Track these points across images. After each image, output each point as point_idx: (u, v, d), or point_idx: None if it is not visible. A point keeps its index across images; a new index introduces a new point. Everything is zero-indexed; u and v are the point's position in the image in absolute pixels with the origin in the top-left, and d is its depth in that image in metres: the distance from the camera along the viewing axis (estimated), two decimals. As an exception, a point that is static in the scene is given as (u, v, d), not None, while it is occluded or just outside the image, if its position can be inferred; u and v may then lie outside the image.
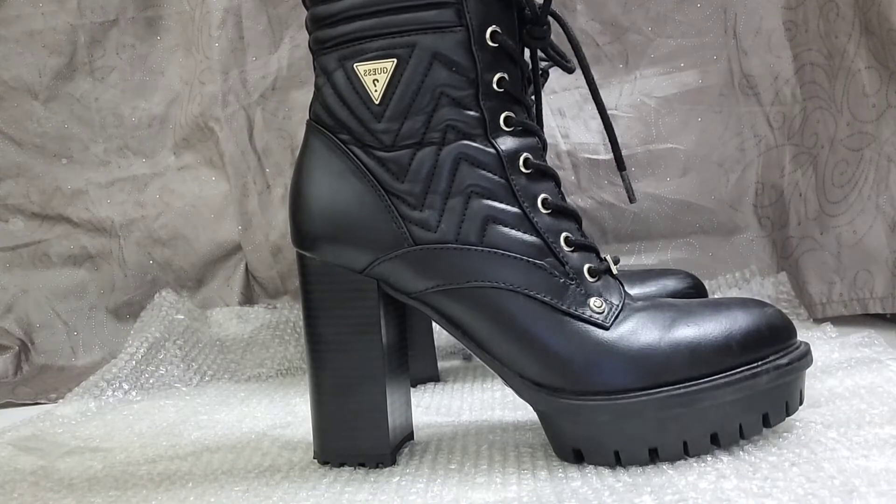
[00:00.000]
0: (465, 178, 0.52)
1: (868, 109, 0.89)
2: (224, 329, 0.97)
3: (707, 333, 0.50)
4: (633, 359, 0.49)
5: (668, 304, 0.53)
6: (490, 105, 0.52)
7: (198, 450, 0.62)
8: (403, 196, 0.53)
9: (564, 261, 0.52)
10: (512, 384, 0.53)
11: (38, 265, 1.06)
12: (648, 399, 0.48)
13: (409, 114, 0.52)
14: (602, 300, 0.52)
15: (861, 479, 0.43)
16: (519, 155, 0.53)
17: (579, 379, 0.50)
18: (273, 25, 1.02)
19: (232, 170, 1.02)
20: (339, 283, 0.54)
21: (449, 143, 0.52)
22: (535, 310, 0.51)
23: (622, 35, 1.00)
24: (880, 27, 0.85)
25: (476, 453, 0.56)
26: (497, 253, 0.52)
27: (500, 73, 0.53)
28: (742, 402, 0.49)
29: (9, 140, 1.05)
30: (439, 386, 0.78)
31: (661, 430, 0.49)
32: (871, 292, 0.89)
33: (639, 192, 0.99)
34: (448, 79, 0.52)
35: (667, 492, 0.44)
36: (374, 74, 0.53)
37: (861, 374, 0.65)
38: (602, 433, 0.50)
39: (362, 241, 0.54)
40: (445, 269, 0.52)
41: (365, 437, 0.54)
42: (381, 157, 0.53)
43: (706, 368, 0.49)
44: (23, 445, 0.67)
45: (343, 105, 0.54)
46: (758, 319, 0.52)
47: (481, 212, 0.52)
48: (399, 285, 0.54)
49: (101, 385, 0.85)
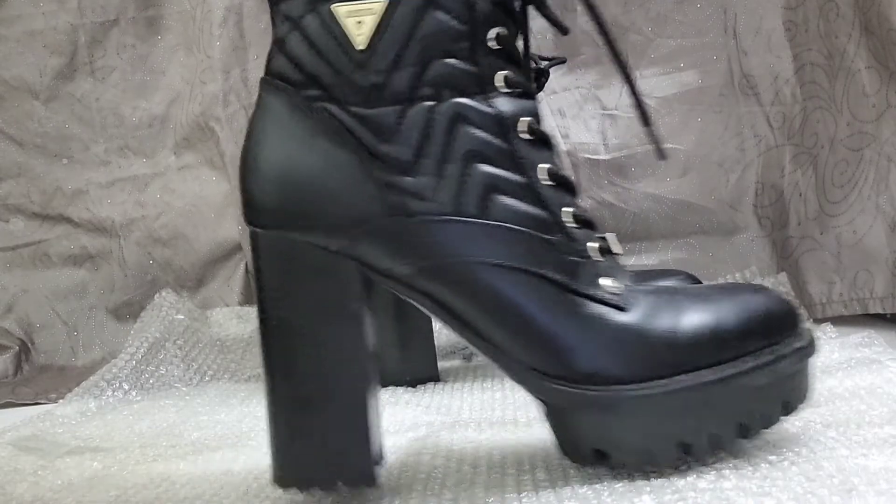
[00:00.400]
0: (463, 140, 0.46)
1: (868, 109, 0.89)
2: (224, 329, 0.97)
3: (725, 315, 0.46)
4: (657, 342, 0.45)
5: (671, 289, 0.49)
6: (488, 62, 0.46)
7: (198, 450, 0.62)
8: (390, 160, 0.45)
9: (572, 236, 0.46)
10: (518, 378, 0.47)
11: (38, 265, 1.06)
12: (678, 387, 0.44)
13: (398, 64, 0.45)
14: (615, 280, 0.46)
15: (860, 478, 0.43)
16: (519, 118, 0.47)
17: (601, 367, 0.45)
18: (273, 25, 1.02)
19: (232, 170, 1.02)
20: (309, 265, 0.46)
21: (444, 100, 0.46)
22: (546, 291, 0.45)
23: (622, 35, 1.00)
24: (880, 27, 0.85)
25: (475, 452, 0.56)
26: (501, 226, 0.45)
27: (498, 28, 0.47)
28: (767, 388, 0.46)
29: (9, 140, 1.05)
30: (439, 386, 0.78)
31: (693, 422, 0.45)
32: (871, 292, 0.89)
33: (639, 192, 1.00)
34: (444, 27, 0.45)
35: (666, 491, 0.44)
36: (358, 16, 0.45)
37: (861, 375, 0.65)
38: (630, 429, 0.45)
39: (339, 214, 0.45)
40: (442, 245, 0.45)
41: (342, 452, 0.46)
42: (361, 115, 0.45)
43: (730, 352, 0.45)
44: (23, 445, 0.67)
45: (315, 54, 0.46)
46: (770, 301, 0.48)
47: (482, 179, 0.46)
48: (382, 266, 0.46)
49: (101, 385, 0.85)
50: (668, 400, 0.44)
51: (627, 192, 1.00)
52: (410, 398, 0.73)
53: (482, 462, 0.54)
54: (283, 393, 0.46)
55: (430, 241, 0.45)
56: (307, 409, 0.46)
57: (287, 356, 0.46)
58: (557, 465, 0.51)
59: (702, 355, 0.45)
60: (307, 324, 0.46)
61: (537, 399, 0.47)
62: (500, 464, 0.53)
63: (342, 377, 0.46)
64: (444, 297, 0.46)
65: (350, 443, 0.46)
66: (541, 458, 0.53)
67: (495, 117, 0.46)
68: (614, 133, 1.00)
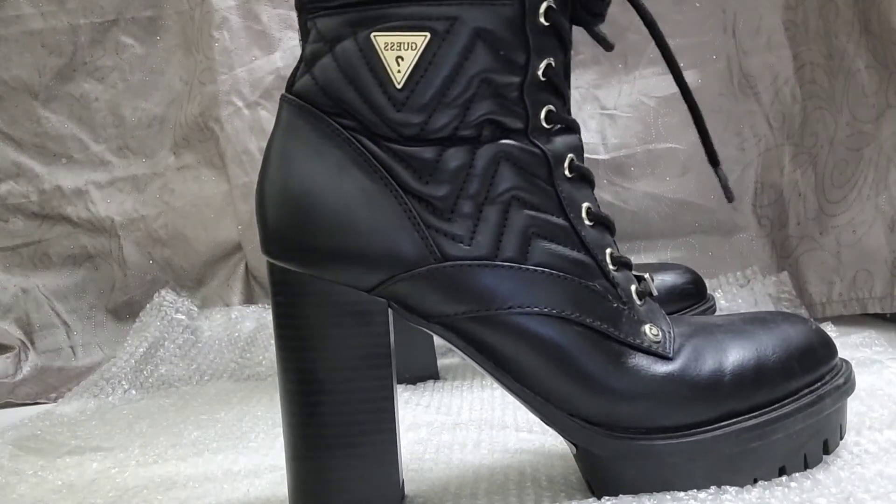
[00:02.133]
0: (505, 181, 0.43)
1: (868, 109, 0.89)
2: (224, 328, 0.97)
3: (766, 354, 0.45)
4: (703, 389, 0.44)
5: (708, 323, 0.47)
6: (534, 98, 0.44)
7: (198, 450, 0.62)
8: (426, 200, 0.43)
9: (614, 282, 0.45)
10: (558, 426, 0.45)
11: (38, 265, 1.06)
12: (723, 434, 0.43)
13: (439, 104, 0.42)
14: (656, 327, 0.45)
15: (857, 486, 0.43)
16: (564, 157, 0.45)
17: (646, 416, 0.43)
18: (273, 25, 1.02)
19: (232, 170, 1.02)
20: (338, 304, 0.43)
21: (486, 141, 0.43)
22: (590, 339, 0.44)
23: (621, 34, 1.00)
24: (880, 27, 0.85)
25: (475, 451, 0.56)
26: (543, 272, 0.43)
27: (549, 58, 0.43)
28: (809, 428, 0.45)
29: (9, 140, 1.05)
30: (438, 384, 0.78)
31: (733, 466, 0.44)
32: (871, 292, 0.89)
33: (638, 192, 1.00)
34: (493, 63, 0.42)
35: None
36: (398, 50, 0.41)
37: (861, 376, 0.64)
38: (672, 476, 0.44)
39: (372, 252, 0.43)
40: (482, 291, 0.43)
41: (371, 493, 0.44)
42: (397, 151, 0.43)
43: (771, 394, 0.44)
44: (23, 445, 0.67)
45: (349, 84, 0.42)
46: (809, 335, 0.47)
47: (523, 223, 0.43)
48: (420, 308, 0.44)
49: (100, 384, 0.85)
50: (712, 447, 0.43)
51: (627, 192, 1.00)
52: (410, 396, 0.73)
53: (484, 467, 0.54)
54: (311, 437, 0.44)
55: (467, 287, 0.43)
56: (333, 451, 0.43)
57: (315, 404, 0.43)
58: (559, 471, 0.51)
59: (746, 396, 0.44)
60: (339, 369, 0.43)
61: (574, 445, 0.45)
62: (501, 467, 0.53)
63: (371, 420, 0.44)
64: (482, 341, 0.44)
65: (378, 481, 0.44)
66: (541, 464, 0.53)
67: (538, 157, 0.44)
68: (613, 133, 1.00)
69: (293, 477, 0.44)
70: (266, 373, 0.90)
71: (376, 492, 0.44)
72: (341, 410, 0.43)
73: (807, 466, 0.46)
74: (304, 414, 0.44)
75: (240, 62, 1.02)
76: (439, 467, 0.54)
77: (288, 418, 0.44)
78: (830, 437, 0.47)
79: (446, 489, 0.50)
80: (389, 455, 0.44)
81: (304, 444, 0.44)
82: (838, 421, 0.47)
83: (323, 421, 0.43)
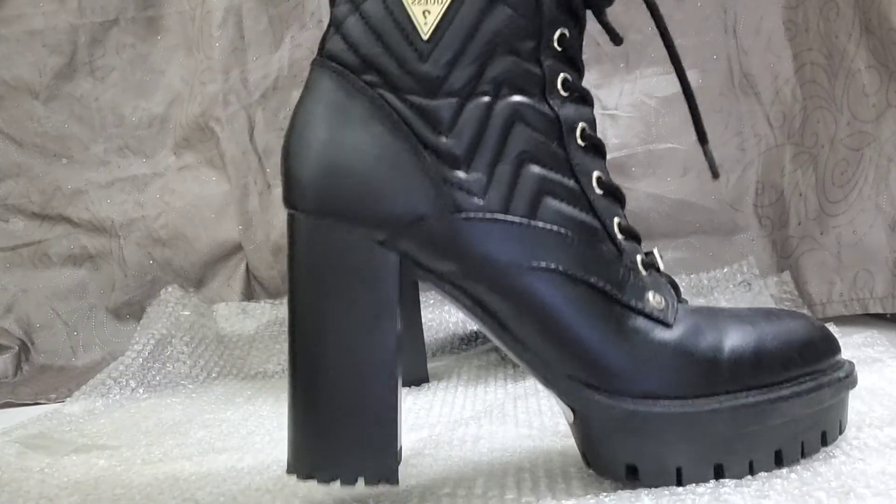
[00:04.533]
0: (519, 140, 0.45)
1: (868, 109, 0.89)
2: (230, 324, 0.97)
3: (767, 339, 0.46)
4: (700, 361, 0.44)
5: (713, 310, 0.48)
6: (550, 63, 0.46)
7: (204, 449, 0.63)
8: (443, 153, 0.44)
9: (620, 248, 0.46)
10: (553, 384, 0.46)
11: (38, 265, 1.06)
12: (718, 409, 0.44)
13: (461, 58, 0.44)
14: (660, 296, 0.46)
15: (858, 481, 0.43)
16: (577, 124, 0.46)
17: (642, 378, 0.44)
18: (274, 25, 1.02)
19: (232, 170, 1.02)
20: (350, 255, 0.44)
21: (503, 98, 0.45)
22: (592, 299, 0.44)
23: (622, 34, 1.00)
24: (880, 27, 0.85)
25: (474, 446, 0.56)
26: (552, 230, 0.44)
27: (562, 28, 0.46)
28: (808, 418, 0.45)
29: (9, 140, 1.05)
30: (432, 386, 0.78)
31: (729, 446, 0.44)
32: (871, 292, 0.89)
33: (639, 192, 1.00)
34: (510, 24, 0.44)
35: (664, 493, 0.44)
36: (424, 4, 0.44)
37: (862, 374, 0.64)
38: (667, 447, 0.44)
39: (388, 203, 0.44)
40: (488, 244, 0.44)
41: (370, 449, 0.44)
42: (419, 105, 0.44)
43: (769, 378, 0.45)
44: (30, 443, 0.67)
45: (377, 40, 0.44)
46: (811, 330, 0.48)
47: (534, 181, 0.45)
48: (430, 263, 0.45)
49: (108, 383, 0.85)
50: (708, 420, 0.44)
51: (628, 192, 0.98)
52: (405, 398, 0.73)
53: (483, 462, 0.54)
54: (310, 387, 0.44)
55: (476, 240, 0.44)
56: (334, 406, 0.44)
57: (316, 353, 0.44)
58: (558, 469, 0.51)
59: (743, 378, 0.45)
60: (339, 319, 0.44)
61: (568, 407, 0.46)
62: (499, 468, 0.53)
63: (373, 376, 0.44)
64: (485, 297, 0.45)
65: (377, 441, 0.44)
66: (540, 462, 0.53)
67: (552, 120, 0.45)
68: (614, 133, 1.00)
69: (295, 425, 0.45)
70: (273, 370, 0.90)
71: (374, 446, 0.44)
72: (345, 364, 0.44)
73: (804, 455, 0.46)
74: (308, 362, 0.44)
75: (240, 62, 1.02)
76: (438, 463, 0.54)
77: (293, 366, 0.45)
78: (829, 430, 0.47)
79: (445, 482, 0.50)
80: (388, 412, 0.44)
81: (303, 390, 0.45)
82: (838, 415, 0.47)
83: (327, 370, 0.44)
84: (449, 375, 0.81)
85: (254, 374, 0.89)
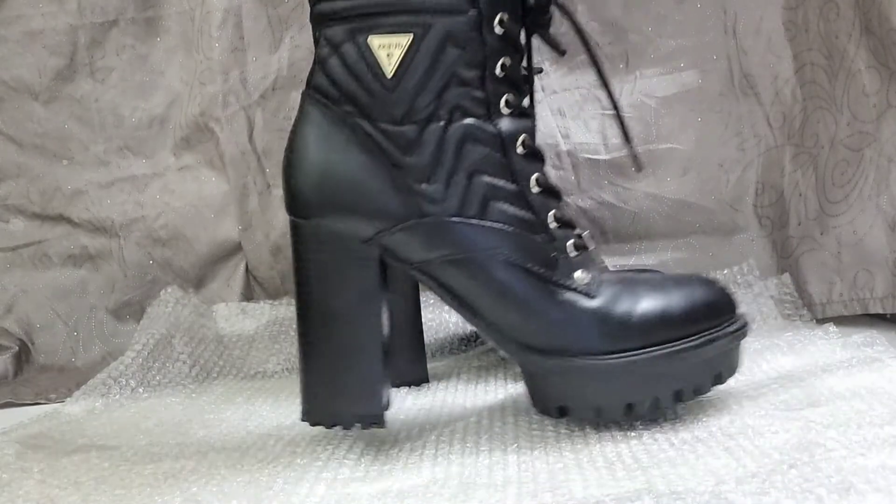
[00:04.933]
0: (469, 155, 0.55)
1: (868, 109, 0.89)
2: (230, 324, 0.97)
3: (673, 303, 0.56)
4: (614, 324, 0.55)
5: (635, 277, 0.58)
6: (493, 88, 0.55)
7: (204, 449, 0.63)
8: (410, 169, 0.55)
9: (553, 236, 0.56)
10: (506, 348, 0.57)
11: (38, 265, 1.06)
12: (630, 360, 0.55)
13: (420, 90, 0.54)
14: (586, 272, 0.56)
15: (858, 477, 0.43)
16: (517, 136, 0.56)
17: (568, 342, 0.55)
18: (273, 26, 1.02)
19: (232, 170, 1.02)
20: (342, 250, 0.56)
21: (456, 122, 0.55)
22: (531, 280, 0.55)
23: (622, 35, 1.00)
24: (880, 27, 0.86)
25: (475, 451, 0.56)
26: (496, 227, 0.55)
27: (504, 57, 0.55)
28: (703, 364, 0.56)
29: (9, 140, 1.05)
30: (431, 387, 0.78)
31: (637, 388, 0.55)
32: (872, 292, 0.89)
33: (639, 192, 1.00)
34: (459, 60, 0.54)
35: (664, 493, 0.44)
36: (388, 49, 0.54)
37: (862, 374, 0.65)
38: (586, 391, 0.55)
39: (369, 210, 0.55)
40: (451, 241, 0.55)
41: (362, 400, 0.57)
42: (388, 131, 0.55)
43: (674, 333, 0.55)
44: (30, 443, 0.67)
45: (352, 77, 0.55)
46: (712, 292, 0.58)
47: (483, 188, 0.55)
48: (404, 255, 0.56)
49: (107, 383, 0.85)
50: (620, 370, 0.55)
51: (627, 192, 1.00)
52: (405, 397, 0.74)
53: (483, 460, 0.54)
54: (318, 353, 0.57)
55: (440, 236, 0.55)
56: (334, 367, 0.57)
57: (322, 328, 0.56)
58: (560, 467, 0.51)
59: (650, 335, 0.55)
60: (341, 300, 0.56)
61: (519, 364, 0.58)
62: (500, 465, 0.53)
63: (363, 343, 0.56)
64: (451, 281, 0.56)
65: (369, 393, 0.57)
66: (541, 460, 0.53)
67: (497, 136, 0.56)
68: (614, 133, 1.00)
69: (304, 383, 0.58)
70: (272, 370, 0.90)
71: (365, 398, 0.57)
72: (341, 333, 0.56)
73: (698, 393, 0.57)
74: (312, 335, 0.57)
75: (240, 62, 1.02)
76: (438, 463, 0.55)
77: (301, 338, 0.58)
78: (724, 372, 0.58)
79: (445, 481, 0.51)
80: (376, 372, 0.57)
81: (309, 356, 0.57)
82: (731, 361, 0.58)
83: (327, 341, 0.57)
84: (449, 376, 0.81)
85: (253, 373, 0.89)
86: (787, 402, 0.60)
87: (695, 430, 0.56)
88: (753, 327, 0.89)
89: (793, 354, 0.74)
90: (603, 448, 0.54)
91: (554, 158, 1.00)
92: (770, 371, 0.70)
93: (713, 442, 0.53)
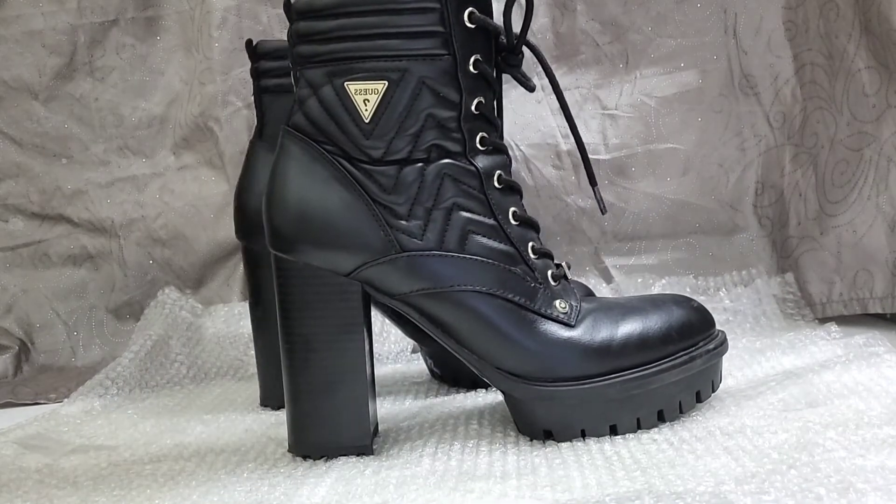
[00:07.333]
0: (448, 192, 0.56)
1: (868, 109, 0.89)
2: (227, 325, 0.97)
3: (651, 326, 0.58)
4: (595, 351, 0.56)
5: (612, 303, 0.60)
6: (469, 127, 0.57)
7: (202, 449, 0.63)
8: (390, 206, 0.56)
9: (533, 267, 0.58)
10: (489, 376, 0.58)
11: (38, 265, 1.06)
12: (610, 383, 0.56)
13: (397, 133, 0.55)
14: (565, 302, 0.58)
15: (857, 477, 0.43)
16: (493, 172, 0.58)
17: (551, 369, 0.56)
18: (273, 25, 1.02)
19: (232, 170, 1.02)
20: (323, 285, 0.56)
21: (433, 161, 0.56)
22: (511, 310, 0.56)
23: (622, 35, 1.00)
24: (880, 27, 0.85)
25: (475, 451, 0.56)
26: (476, 260, 0.56)
27: (479, 97, 0.57)
28: (682, 382, 0.58)
29: (9, 140, 1.05)
30: (431, 386, 0.78)
31: (619, 409, 0.56)
32: (871, 292, 0.89)
33: (639, 192, 1.00)
34: (434, 103, 0.55)
35: (664, 493, 0.44)
36: (364, 94, 0.55)
37: (861, 371, 0.65)
38: (571, 414, 0.56)
39: (349, 245, 0.56)
40: (430, 274, 0.56)
41: (347, 429, 0.57)
42: (368, 171, 0.56)
43: (653, 355, 0.57)
44: (28, 444, 0.67)
45: (330, 119, 0.56)
46: (688, 312, 0.60)
47: (462, 223, 0.56)
48: (384, 288, 0.57)
49: (105, 384, 0.85)
50: (601, 394, 0.56)
51: (627, 192, 1.00)
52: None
53: (482, 462, 0.54)
54: (302, 384, 0.57)
55: (420, 271, 0.56)
56: (318, 399, 0.57)
57: (306, 360, 0.57)
58: (562, 473, 0.51)
59: (631, 358, 0.57)
60: (323, 332, 0.56)
61: (501, 392, 0.58)
62: (500, 469, 0.53)
63: (345, 375, 0.57)
64: (433, 312, 0.57)
65: (355, 424, 0.57)
66: (543, 466, 0.53)
67: (474, 172, 0.57)
68: (614, 133, 1.00)
69: (290, 415, 0.58)
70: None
71: (350, 427, 0.57)
72: (324, 365, 0.57)
73: (681, 411, 0.58)
74: (296, 367, 0.57)
75: (240, 62, 1.02)
76: (438, 464, 0.55)
77: (286, 370, 0.58)
78: (703, 390, 0.59)
79: (443, 481, 0.51)
80: (360, 401, 0.57)
81: (295, 388, 0.57)
82: (710, 377, 0.60)
83: (311, 372, 0.57)
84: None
85: (252, 374, 0.89)
86: (786, 402, 0.60)
87: (694, 430, 0.56)
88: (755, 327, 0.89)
89: (793, 354, 0.74)
90: (603, 448, 0.54)
91: (554, 158, 1.00)
92: (770, 370, 0.70)
93: (712, 442, 0.53)
